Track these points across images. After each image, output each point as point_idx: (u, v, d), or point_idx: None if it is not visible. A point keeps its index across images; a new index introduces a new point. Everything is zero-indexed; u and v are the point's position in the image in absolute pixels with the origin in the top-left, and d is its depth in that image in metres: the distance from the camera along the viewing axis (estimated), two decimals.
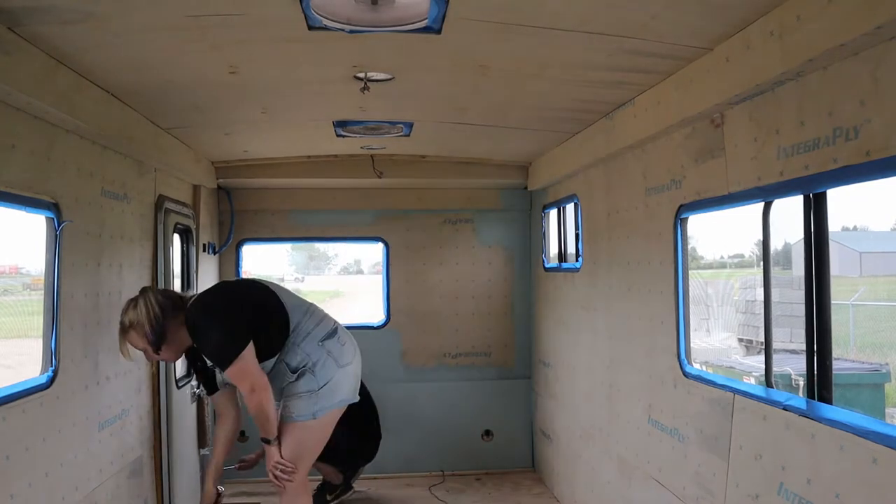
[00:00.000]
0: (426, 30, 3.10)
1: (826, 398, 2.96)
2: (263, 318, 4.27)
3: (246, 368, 4.11)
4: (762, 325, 3.67)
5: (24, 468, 3.20)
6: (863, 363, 11.25)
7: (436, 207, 7.24)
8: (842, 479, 2.64)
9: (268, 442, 4.26)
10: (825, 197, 2.91)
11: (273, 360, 4.32)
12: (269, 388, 4.18)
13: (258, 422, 4.21)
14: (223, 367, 4.21)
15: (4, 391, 3.15)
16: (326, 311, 4.59)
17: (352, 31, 3.09)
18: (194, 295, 4.43)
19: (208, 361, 4.43)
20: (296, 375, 4.30)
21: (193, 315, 4.17)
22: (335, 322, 4.54)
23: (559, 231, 6.60)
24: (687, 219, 3.97)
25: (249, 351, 4.11)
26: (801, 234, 3.00)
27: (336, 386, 4.35)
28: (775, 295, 9.80)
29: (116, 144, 4.18)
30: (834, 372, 3.01)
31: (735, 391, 3.45)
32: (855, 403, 9.11)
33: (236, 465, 4.99)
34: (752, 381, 9.57)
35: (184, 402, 5.60)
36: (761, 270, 3.65)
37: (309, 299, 4.65)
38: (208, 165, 6.27)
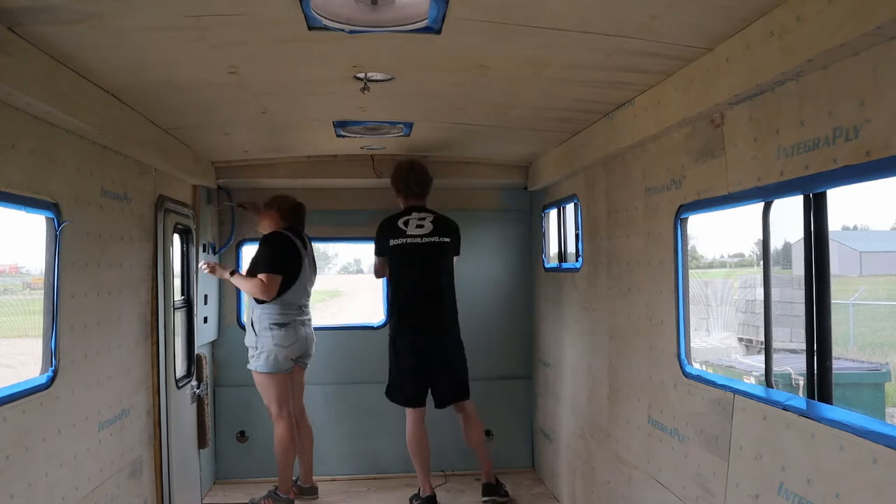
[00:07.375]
0: (426, 30, 3.10)
1: (826, 398, 2.96)
2: None
3: None
4: (762, 324, 3.67)
5: (24, 468, 3.21)
6: (863, 363, 11.23)
7: (436, 207, 7.21)
8: (842, 479, 2.64)
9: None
10: (825, 197, 2.91)
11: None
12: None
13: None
14: None
15: (4, 391, 3.15)
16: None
17: (352, 32, 3.09)
18: None
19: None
20: None
21: None
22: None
23: (559, 231, 6.59)
24: (687, 219, 3.97)
25: None
26: (801, 234, 3.00)
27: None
28: (775, 294, 9.79)
29: (116, 144, 4.18)
30: (834, 371, 3.01)
31: (735, 391, 3.45)
32: (855, 403, 9.10)
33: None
34: (752, 380, 9.56)
35: (184, 402, 5.59)
36: (761, 269, 3.64)
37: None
38: (208, 165, 6.27)
